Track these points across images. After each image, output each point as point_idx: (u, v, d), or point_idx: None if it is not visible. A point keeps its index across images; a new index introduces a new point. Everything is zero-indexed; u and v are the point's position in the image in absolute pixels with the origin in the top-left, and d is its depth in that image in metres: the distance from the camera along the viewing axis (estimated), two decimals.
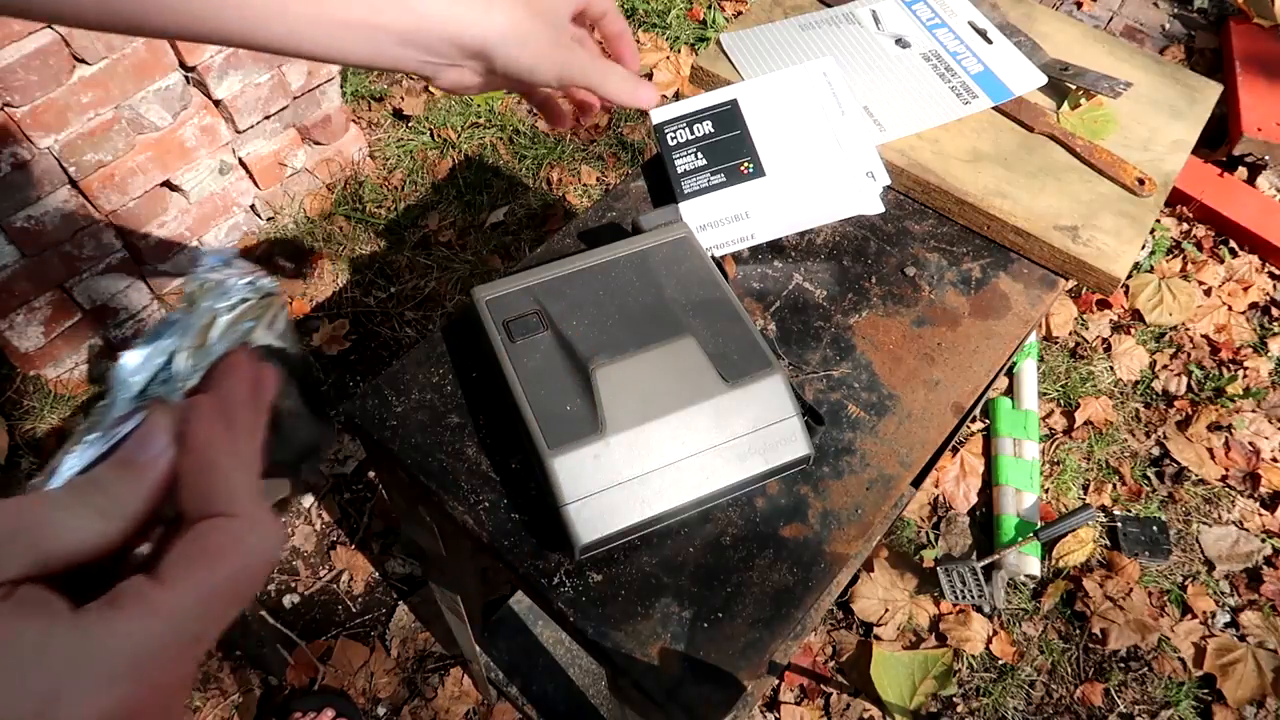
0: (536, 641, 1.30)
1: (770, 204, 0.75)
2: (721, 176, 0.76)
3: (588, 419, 0.57)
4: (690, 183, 0.76)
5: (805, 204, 0.75)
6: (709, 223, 0.75)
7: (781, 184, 0.75)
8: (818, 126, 0.77)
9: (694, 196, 0.75)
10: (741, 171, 0.76)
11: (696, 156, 0.76)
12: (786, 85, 0.79)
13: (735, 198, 0.75)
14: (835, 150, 0.76)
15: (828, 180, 0.75)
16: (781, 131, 0.77)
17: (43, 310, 1.47)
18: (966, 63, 0.86)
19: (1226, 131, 2.01)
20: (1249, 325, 1.80)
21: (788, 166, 0.76)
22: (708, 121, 0.78)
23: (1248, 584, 1.49)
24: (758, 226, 0.75)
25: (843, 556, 0.61)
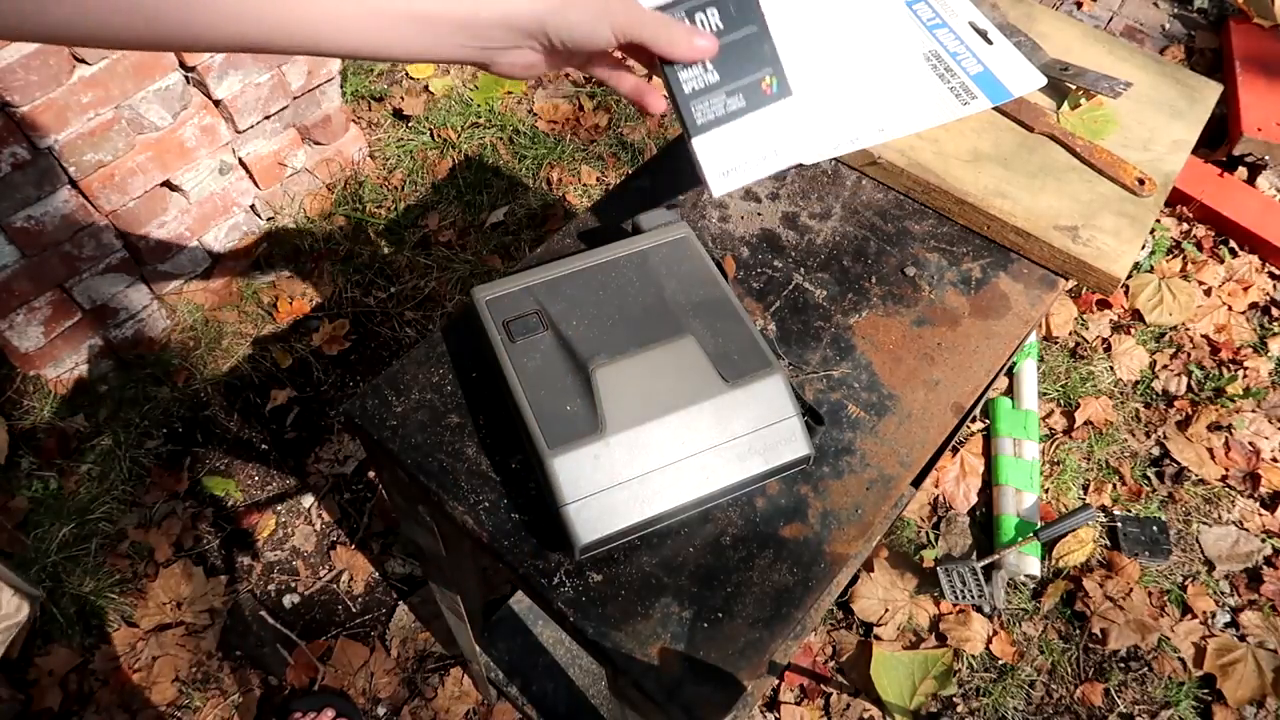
0: (536, 641, 1.30)
1: (802, 133, 0.60)
2: (740, 100, 0.59)
3: (588, 419, 0.57)
4: (703, 106, 0.58)
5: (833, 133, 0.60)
6: (731, 168, 0.60)
7: (813, 105, 0.61)
8: (850, 16, 0.61)
9: (710, 129, 0.58)
10: (764, 91, 0.60)
11: (706, 68, 0.58)
12: None
13: (761, 129, 0.60)
14: (880, 54, 0.59)
15: (883, 96, 0.59)
16: (807, 21, 0.61)
17: (43, 310, 1.48)
18: (966, 63, 0.86)
19: (1226, 131, 2.01)
20: (1249, 325, 1.80)
21: (816, 77, 0.60)
22: (713, 8, 0.58)
23: (1248, 584, 1.49)
24: (789, 160, 0.60)
25: (843, 556, 0.61)
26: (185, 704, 1.35)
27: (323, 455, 1.58)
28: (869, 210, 0.81)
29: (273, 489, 1.55)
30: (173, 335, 1.68)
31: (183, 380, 1.64)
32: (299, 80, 1.66)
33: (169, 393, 1.62)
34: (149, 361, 1.64)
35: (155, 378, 1.63)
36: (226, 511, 1.52)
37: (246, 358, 1.67)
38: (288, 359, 1.68)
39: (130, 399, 1.61)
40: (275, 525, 1.51)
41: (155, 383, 1.63)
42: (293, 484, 1.55)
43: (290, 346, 1.69)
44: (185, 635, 1.40)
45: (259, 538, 1.50)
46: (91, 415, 1.59)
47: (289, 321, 1.72)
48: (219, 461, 1.57)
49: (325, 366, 1.67)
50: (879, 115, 0.58)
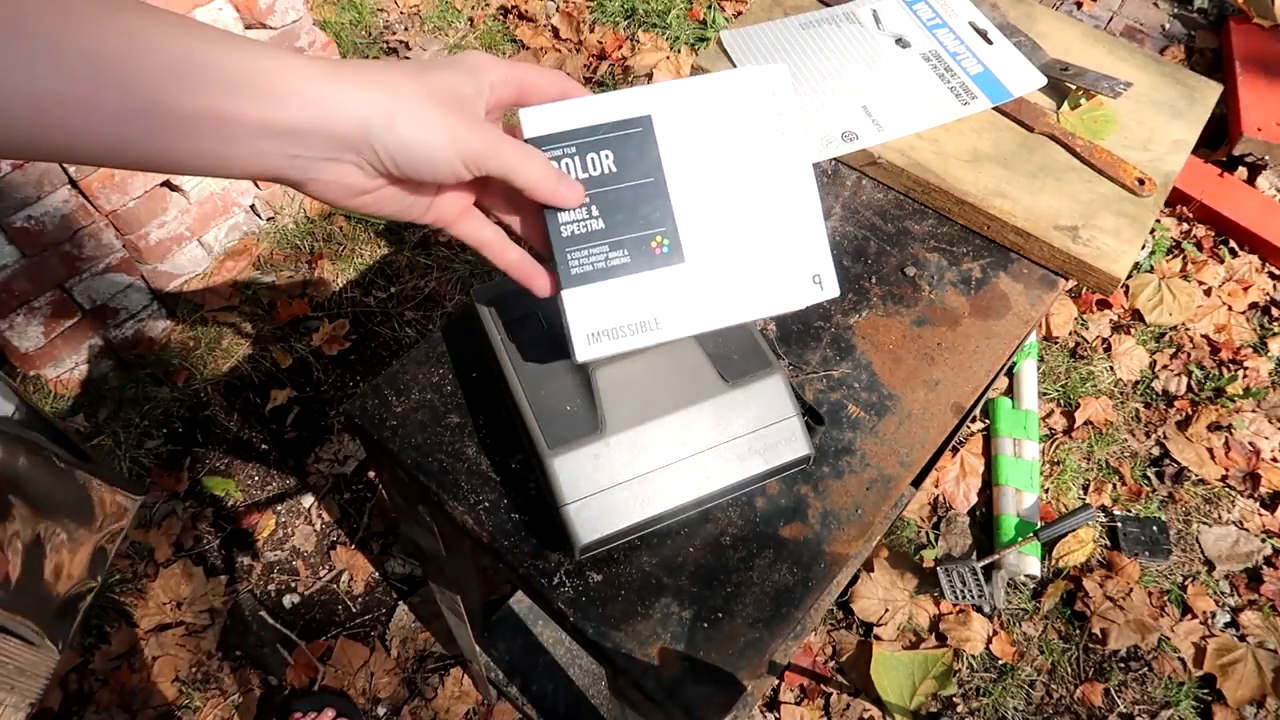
0: (536, 641, 1.30)
1: (686, 305, 0.51)
2: (624, 255, 0.50)
3: (588, 419, 0.57)
4: (579, 257, 0.50)
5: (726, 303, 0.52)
6: (604, 330, 0.50)
7: (703, 277, 0.52)
8: (757, 184, 0.53)
9: (583, 283, 0.50)
10: (654, 251, 0.51)
11: (590, 214, 0.50)
12: (722, 99, 0.53)
13: (642, 295, 0.51)
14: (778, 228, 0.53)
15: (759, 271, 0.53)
16: (711, 184, 0.52)
17: (43, 310, 1.47)
18: (966, 63, 0.86)
19: (1226, 131, 2.01)
20: (1249, 325, 1.80)
21: (715, 249, 0.52)
22: (607, 150, 0.50)
23: (1248, 584, 1.49)
24: (667, 334, 0.51)
25: (843, 556, 0.61)
26: (185, 704, 1.35)
27: (323, 455, 1.58)
28: (869, 210, 0.81)
29: (273, 489, 1.55)
30: (173, 335, 1.68)
31: (183, 380, 1.64)
32: None
33: (169, 393, 1.62)
34: (149, 361, 1.64)
35: (155, 378, 1.63)
36: (226, 511, 1.52)
37: (246, 358, 1.67)
38: (288, 359, 1.68)
39: (130, 399, 1.61)
40: (275, 525, 1.51)
41: (155, 383, 1.63)
42: (293, 484, 1.55)
43: (290, 346, 1.69)
44: (185, 635, 1.40)
45: (259, 538, 1.50)
46: (91, 415, 1.58)
47: (289, 321, 1.72)
48: (219, 461, 1.57)
49: (325, 366, 1.67)
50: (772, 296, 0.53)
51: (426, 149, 0.40)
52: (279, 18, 1.54)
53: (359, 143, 0.39)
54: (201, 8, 1.42)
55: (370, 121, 0.38)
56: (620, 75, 2.14)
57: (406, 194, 0.44)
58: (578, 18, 2.25)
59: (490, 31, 2.23)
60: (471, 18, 2.27)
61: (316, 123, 0.37)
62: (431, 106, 0.40)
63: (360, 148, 0.39)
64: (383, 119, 0.39)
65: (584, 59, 2.18)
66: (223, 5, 1.45)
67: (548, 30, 2.25)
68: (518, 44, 2.22)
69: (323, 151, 0.39)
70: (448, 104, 0.41)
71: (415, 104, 0.39)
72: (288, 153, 0.38)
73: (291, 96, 0.37)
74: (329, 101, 0.38)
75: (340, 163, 0.39)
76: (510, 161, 0.43)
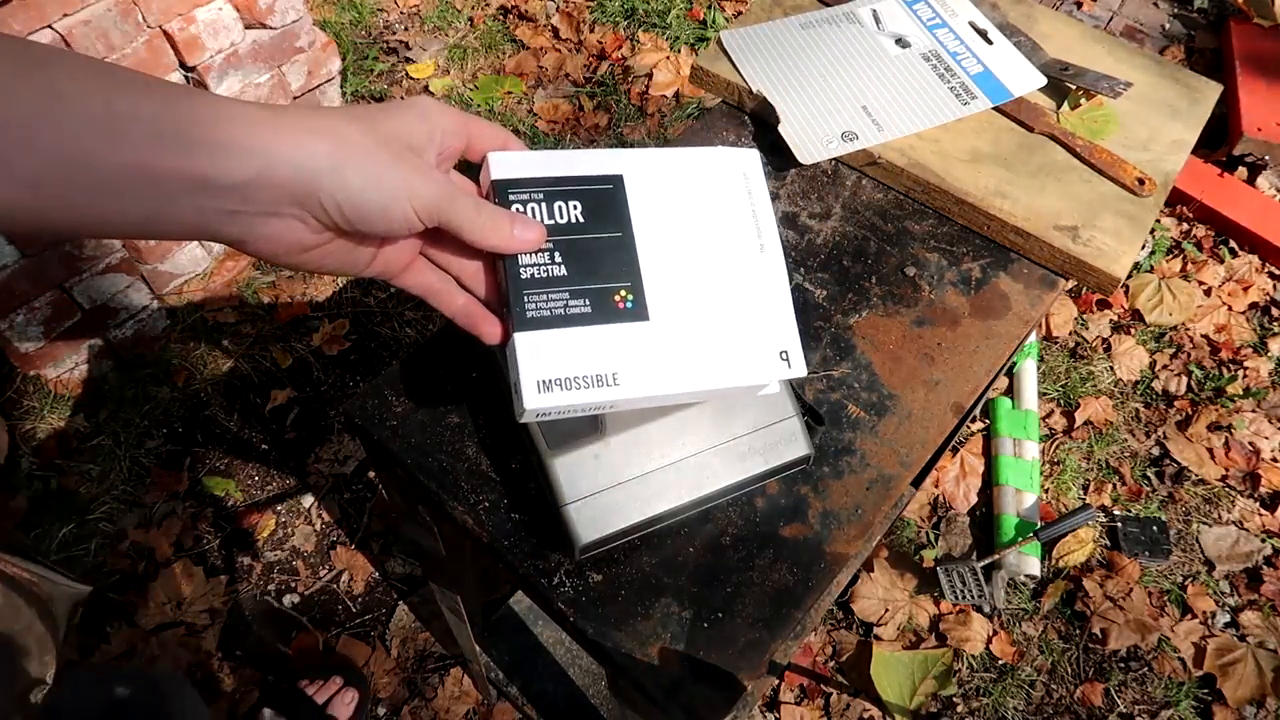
0: (536, 641, 1.30)
1: (647, 364, 0.49)
2: (585, 304, 0.49)
3: (588, 419, 0.57)
4: (539, 299, 0.48)
5: (689, 369, 0.50)
6: (556, 379, 0.47)
7: (667, 338, 0.50)
8: (728, 259, 0.53)
9: (540, 327, 0.47)
10: (617, 304, 0.49)
11: (553, 260, 0.48)
12: (697, 172, 0.53)
13: (602, 345, 0.48)
14: (746, 305, 0.52)
15: (725, 341, 0.51)
16: (680, 250, 0.52)
17: (43, 310, 1.48)
18: (966, 63, 0.86)
19: (1226, 131, 2.02)
20: (1249, 325, 1.80)
21: (681, 312, 0.51)
22: (575, 201, 0.49)
23: (1248, 584, 1.49)
24: (626, 394, 0.49)
25: (843, 556, 0.61)
26: None
27: (323, 455, 1.58)
28: (869, 210, 0.81)
29: (273, 489, 1.55)
30: (173, 335, 1.68)
31: (183, 380, 1.64)
32: (299, 80, 1.66)
33: (169, 393, 1.62)
34: (149, 361, 1.64)
35: (155, 378, 1.63)
36: (226, 511, 1.52)
37: (246, 358, 1.67)
38: (288, 359, 1.68)
39: (130, 399, 1.61)
40: (275, 525, 1.51)
41: (155, 383, 1.63)
42: (293, 484, 1.55)
43: (290, 346, 1.69)
44: (185, 635, 1.40)
45: (259, 538, 1.50)
46: (91, 415, 1.59)
47: (289, 321, 1.72)
48: (219, 461, 1.57)
49: (325, 366, 1.67)
50: (738, 368, 0.52)
51: (379, 200, 0.37)
52: (279, 18, 1.54)
53: (304, 195, 0.36)
54: (201, 8, 1.42)
55: (317, 172, 0.36)
56: (620, 75, 2.14)
57: (353, 246, 0.41)
58: (578, 18, 2.25)
59: (490, 31, 2.23)
60: (471, 18, 2.27)
61: (258, 175, 0.35)
62: (382, 155, 0.38)
63: (306, 200, 0.36)
64: (331, 169, 0.36)
65: (584, 59, 2.19)
66: (223, 5, 1.45)
67: (548, 30, 2.25)
68: (518, 44, 2.22)
69: (264, 206, 0.36)
70: (398, 152, 0.38)
71: (365, 153, 0.37)
72: (225, 208, 0.35)
73: (229, 147, 0.34)
74: (272, 152, 0.35)
75: (283, 217, 0.37)
76: (465, 214, 0.41)
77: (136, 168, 0.32)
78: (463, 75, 2.15)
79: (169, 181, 0.33)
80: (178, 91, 0.34)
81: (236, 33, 1.49)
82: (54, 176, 0.31)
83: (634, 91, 2.10)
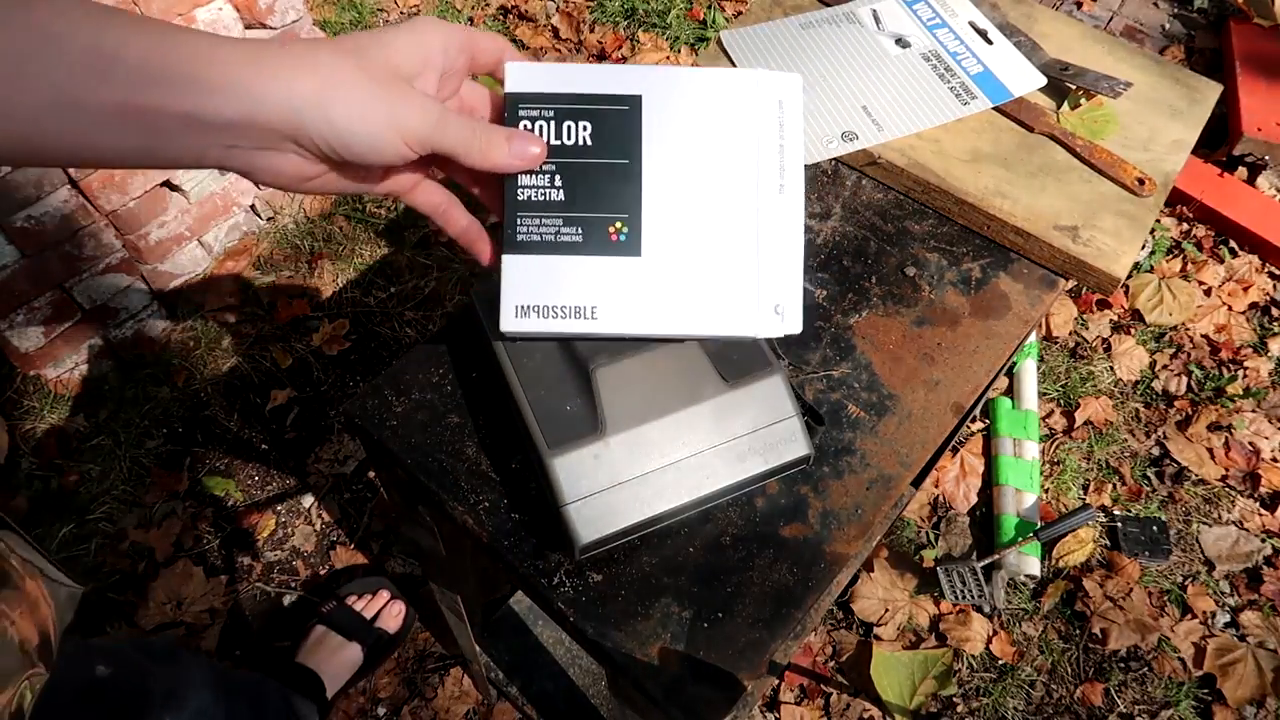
0: (536, 641, 1.30)
1: (628, 302, 0.49)
2: (577, 233, 0.48)
3: (588, 419, 0.57)
4: (528, 225, 0.48)
5: (673, 312, 0.50)
6: (535, 305, 0.48)
7: (656, 277, 0.49)
8: (740, 198, 0.50)
9: (527, 251, 0.48)
10: (610, 237, 0.48)
11: (552, 183, 0.47)
12: (724, 98, 0.49)
13: (585, 279, 0.48)
14: (748, 250, 0.50)
15: (718, 287, 0.50)
16: (689, 182, 0.49)
17: (43, 310, 1.47)
18: (966, 63, 0.86)
19: (1226, 131, 2.01)
20: (1249, 325, 1.80)
21: (676, 251, 0.49)
22: (585, 121, 0.48)
23: (1248, 584, 1.49)
24: (601, 328, 0.50)
25: (843, 556, 0.61)
26: None
27: (323, 455, 1.58)
28: (869, 210, 0.81)
29: (273, 489, 1.55)
30: (173, 335, 1.68)
31: (183, 380, 1.64)
32: None
33: (169, 393, 1.62)
34: (149, 361, 1.64)
35: (155, 378, 1.63)
36: (226, 511, 1.52)
37: (246, 358, 1.67)
38: (288, 359, 1.68)
39: (130, 399, 1.61)
40: (275, 525, 1.51)
41: (155, 383, 1.63)
42: (293, 484, 1.55)
43: (290, 346, 1.69)
44: (185, 635, 1.40)
45: (259, 538, 1.50)
46: (91, 415, 1.59)
47: (289, 321, 1.72)
48: (219, 461, 1.57)
49: (325, 366, 1.67)
50: (725, 317, 0.51)
51: (366, 134, 0.37)
52: (279, 18, 1.54)
53: (293, 132, 0.36)
54: (201, 7, 1.42)
55: (300, 110, 0.35)
56: None
57: (357, 175, 0.42)
58: (578, 18, 2.25)
59: None
60: (471, 18, 2.27)
61: (247, 115, 0.35)
62: (366, 86, 0.37)
63: (296, 136, 0.37)
64: (314, 104, 0.36)
65: (584, 59, 2.18)
66: (223, 5, 1.45)
67: (548, 30, 2.25)
68: (518, 44, 2.22)
69: (258, 142, 0.36)
70: (386, 82, 0.38)
71: (349, 85, 0.37)
72: (221, 144, 0.36)
73: (216, 88, 0.34)
74: (256, 92, 0.35)
75: (280, 152, 0.37)
76: (458, 137, 0.41)
77: (126, 107, 0.33)
78: None
79: (161, 120, 0.34)
80: (167, 29, 0.34)
81: (236, 32, 1.49)
82: (48, 115, 0.32)
83: None
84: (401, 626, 1.36)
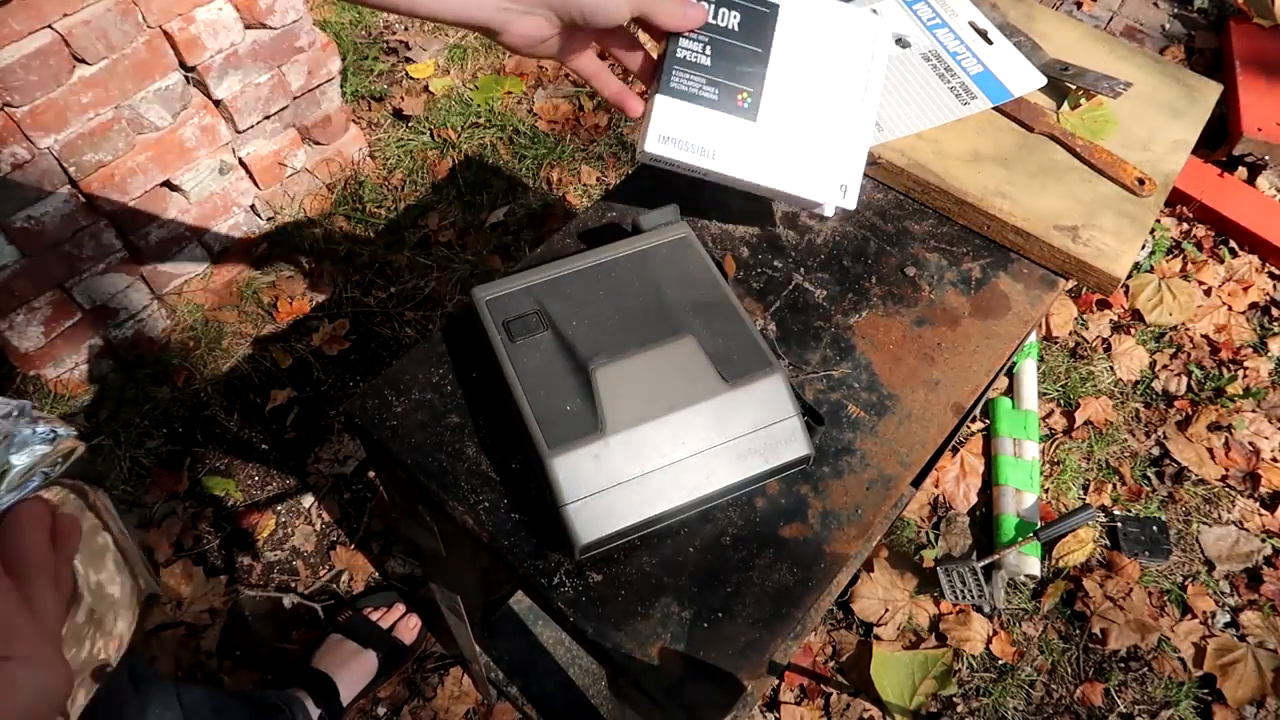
0: (536, 641, 1.30)
1: (740, 152, 0.66)
2: (715, 93, 0.64)
3: (588, 419, 0.57)
4: (681, 77, 0.64)
5: (770, 166, 0.66)
6: (673, 137, 0.65)
7: (764, 139, 0.65)
8: (833, 98, 0.66)
9: (677, 96, 0.64)
10: (737, 102, 0.65)
11: (704, 51, 0.64)
12: (835, 21, 0.67)
13: (713, 128, 0.65)
14: (832, 139, 0.67)
15: (806, 157, 0.66)
16: (801, 78, 0.66)
17: (43, 310, 1.47)
18: (966, 63, 0.86)
19: (1226, 131, 2.01)
20: (1249, 325, 1.80)
21: (782, 124, 0.65)
22: (736, 12, 0.64)
23: (1248, 584, 1.49)
24: (716, 166, 0.66)
25: (843, 556, 0.61)
26: None
27: (323, 455, 1.58)
28: (869, 210, 0.81)
29: (273, 489, 1.55)
30: (173, 335, 1.68)
31: (183, 380, 1.64)
32: (299, 80, 1.66)
33: (169, 393, 1.62)
34: (149, 361, 1.64)
35: (155, 378, 1.63)
36: (226, 511, 1.52)
37: (246, 358, 1.67)
38: (288, 359, 1.68)
39: (130, 399, 1.61)
40: (275, 525, 1.51)
41: (155, 383, 1.63)
42: (293, 484, 1.55)
43: (290, 346, 1.69)
44: (185, 635, 1.40)
45: (259, 538, 1.50)
46: (91, 415, 1.58)
47: (289, 321, 1.72)
48: (219, 461, 1.57)
49: (325, 366, 1.67)
50: (804, 181, 0.68)
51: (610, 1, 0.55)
52: (279, 18, 1.54)
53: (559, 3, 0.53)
54: (201, 8, 1.42)
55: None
56: (619, 75, 2.14)
57: (564, 41, 0.59)
58: None
59: None
60: None
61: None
62: None
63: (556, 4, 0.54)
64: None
65: None
66: (223, 5, 1.45)
67: None
68: None
69: (527, 6, 0.53)
70: None
71: None
72: (500, 5, 0.52)
73: None
74: None
75: (535, 16, 0.54)
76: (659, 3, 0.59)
77: None
78: (463, 75, 2.15)
79: None
80: None
81: (236, 33, 1.49)
82: None
83: None
84: (416, 638, 1.37)
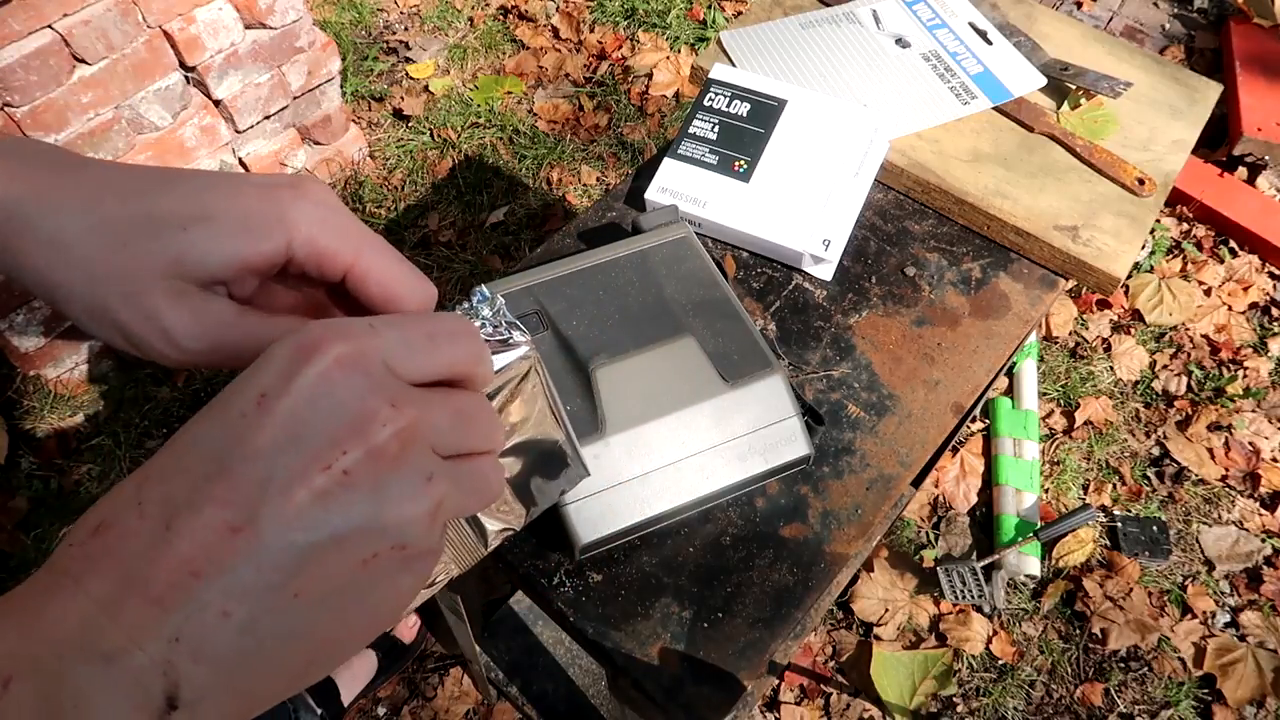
0: (536, 641, 1.30)
1: (729, 205, 0.74)
2: (715, 159, 0.76)
3: (588, 419, 0.57)
4: (689, 147, 0.77)
5: (756, 219, 0.74)
6: (670, 189, 0.75)
7: (754, 197, 0.74)
8: (826, 172, 0.75)
9: (682, 160, 0.76)
10: (733, 168, 0.75)
11: (713, 130, 0.77)
12: (837, 117, 0.77)
13: (708, 185, 0.75)
14: (820, 202, 0.74)
15: (786, 224, 0.73)
16: (797, 155, 0.75)
17: (43, 310, 1.47)
18: (966, 63, 0.86)
19: (1226, 131, 2.01)
20: (1249, 325, 1.80)
21: (773, 186, 0.75)
22: (747, 104, 0.77)
23: (1248, 584, 1.49)
24: (706, 214, 0.74)
25: (843, 556, 0.61)
26: None
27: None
28: (869, 210, 0.81)
29: None
30: None
31: (183, 380, 1.64)
32: (299, 80, 1.66)
33: (169, 393, 1.62)
34: (149, 361, 1.64)
35: (155, 378, 1.63)
36: None
37: None
38: None
39: (130, 399, 1.60)
40: None
41: (155, 383, 1.63)
42: None
43: None
44: None
45: None
46: (91, 415, 1.58)
47: None
48: None
49: None
50: (788, 233, 0.74)
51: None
52: (279, 18, 1.54)
53: None
54: (201, 8, 1.42)
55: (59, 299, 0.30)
56: (620, 75, 2.14)
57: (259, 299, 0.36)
58: (577, 17, 2.25)
59: (490, 31, 2.23)
60: (471, 17, 2.27)
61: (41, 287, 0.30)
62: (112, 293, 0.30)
63: None
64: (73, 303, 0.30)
65: (584, 59, 2.18)
66: (223, 5, 1.45)
67: (548, 30, 2.25)
68: (518, 44, 2.22)
69: None
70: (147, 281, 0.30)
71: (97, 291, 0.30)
72: None
73: None
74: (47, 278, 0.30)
75: None
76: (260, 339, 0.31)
77: None
78: (463, 75, 2.15)
79: None
80: None
81: (236, 33, 1.49)
82: None
83: (634, 92, 2.10)
84: (416, 638, 1.37)
